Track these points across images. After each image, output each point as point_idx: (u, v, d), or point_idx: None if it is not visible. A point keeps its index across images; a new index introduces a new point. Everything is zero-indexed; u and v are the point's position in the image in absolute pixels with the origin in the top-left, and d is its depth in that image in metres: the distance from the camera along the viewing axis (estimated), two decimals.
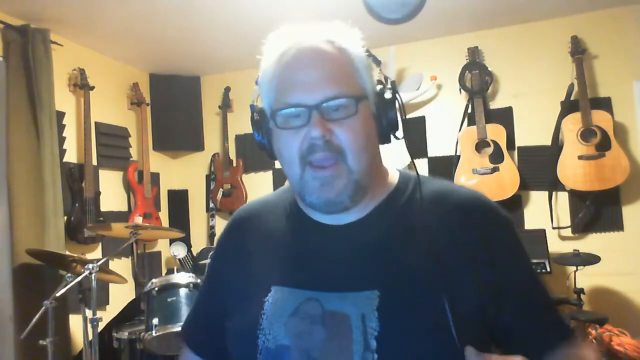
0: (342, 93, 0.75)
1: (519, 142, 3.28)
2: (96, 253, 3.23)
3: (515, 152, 3.28)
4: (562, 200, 3.18)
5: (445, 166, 3.33)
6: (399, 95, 0.82)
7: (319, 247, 0.81)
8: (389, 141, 0.83)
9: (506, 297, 0.77)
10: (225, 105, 3.92)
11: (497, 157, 3.14)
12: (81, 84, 3.12)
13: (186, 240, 3.84)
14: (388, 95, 0.80)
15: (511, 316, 0.78)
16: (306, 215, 0.85)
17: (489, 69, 3.27)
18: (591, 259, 2.71)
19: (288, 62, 0.77)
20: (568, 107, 3.07)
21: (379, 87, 0.81)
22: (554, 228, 3.14)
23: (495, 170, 3.12)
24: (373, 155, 0.80)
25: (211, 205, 3.90)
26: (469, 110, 3.33)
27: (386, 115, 0.80)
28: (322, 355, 0.72)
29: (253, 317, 0.78)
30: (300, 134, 0.75)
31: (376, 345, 0.70)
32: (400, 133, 0.83)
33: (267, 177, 3.87)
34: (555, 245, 3.11)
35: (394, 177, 0.86)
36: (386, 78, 3.09)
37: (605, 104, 3.07)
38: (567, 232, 3.16)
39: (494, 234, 0.79)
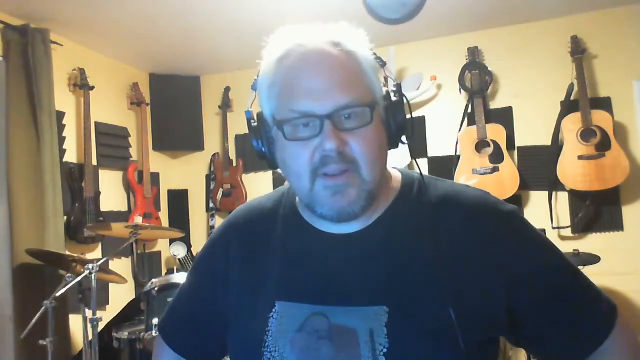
0: (355, 101, 0.70)
1: (519, 142, 3.28)
2: (96, 253, 3.23)
3: (515, 152, 3.28)
4: (562, 200, 3.18)
5: (445, 166, 3.33)
6: (405, 97, 0.78)
7: (323, 258, 0.78)
8: (397, 146, 0.79)
9: (525, 298, 0.74)
10: (225, 105, 3.92)
11: (497, 157, 3.14)
12: (81, 84, 3.12)
13: (186, 240, 3.84)
14: (395, 97, 0.77)
15: (537, 317, 0.75)
16: (309, 224, 0.81)
17: (489, 69, 3.26)
18: (591, 259, 2.70)
19: (291, 66, 0.73)
20: (568, 107, 3.07)
21: (385, 89, 0.77)
22: (554, 228, 3.14)
23: (495, 170, 3.12)
24: (385, 163, 0.77)
25: (211, 205, 3.90)
26: (469, 110, 3.33)
27: (395, 119, 0.76)
28: None
29: (257, 334, 0.75)
30: (310, 145, 0.71)
31: None
32: (405, 138, 0.79)
33: (267, 177, 3.86)
34: (556, 245, 3.10)
35: (396, 180, 0.83)
36: (386, 79, 3.08)
37: (605, 104, 3.07)
38: (567, 232, 3.17)
39: (503, 245, 0.75)
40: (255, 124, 0.79)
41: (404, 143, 0.80)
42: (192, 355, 0.92)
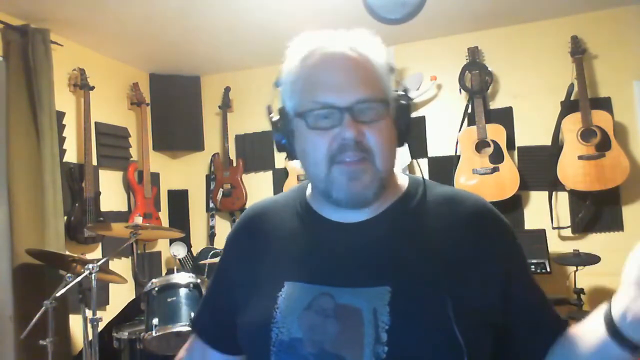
0: (372, 96, 0.78)
1: (519, 142, 3.28)
2: (96, 253, 3.23)
3: (515, 152, 3.28)
4: (562, 200, 3.18)
5: (445, 166, 3.33)
6: (412, 101, 0.86)
7: (331, 244, 0.83)
8: (403, 145, 0.86)
9: (514, 305, 0.80)
10: (225, 105, 3.92)
11: (497, 157, 3.14)
12: (81, 84, 3.12)
13: (186, 240, 3.84)
14: (406, 101, 0.85)
15: (518, 323, 0.81)
16: (317, 214, 0.87)
17: (489, 69, 3.27)
18: (591, 259, 2.70)
19: (314, 64, 0.80)
20: (568, 107, 3.07)
21: (396, 93, 0.85)
22: (554, 228, 3.14)
23: (495, 170, 3.12)
24: (395, 157, 0.84)
25: (211, 205, 3.90)
26: (469, 110, 3.33)
27: (405, 120, 0.84)
28: (334, 347, 0.74)
29: (267, 311, 0.79)
30: (329, 134, 0.77)
31: (387, 338, 0.72)
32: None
33: (267, 177, 3.87)
34: (555, 245, 3.11)
35: (403, 181, 0.89)
36: (397, 83, 3.09)
37: (605, 104, 3.07)
38: (567, 232, 3.16)
39: (502, 243, 0.83)
40: (277, 117, 0.86)
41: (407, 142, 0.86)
42: (223, 347, 0.96)
